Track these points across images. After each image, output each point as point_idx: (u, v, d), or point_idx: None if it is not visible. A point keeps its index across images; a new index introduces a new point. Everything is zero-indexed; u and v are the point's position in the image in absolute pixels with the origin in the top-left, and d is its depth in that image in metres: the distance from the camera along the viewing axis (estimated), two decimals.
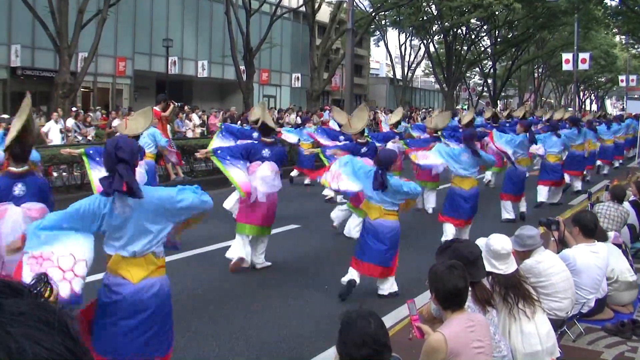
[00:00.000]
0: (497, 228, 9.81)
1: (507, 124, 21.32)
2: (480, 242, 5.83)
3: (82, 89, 33.85)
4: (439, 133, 15.75)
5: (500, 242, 5.70)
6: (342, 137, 14.66)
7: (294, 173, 19.12)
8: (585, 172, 19.46)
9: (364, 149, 11.86)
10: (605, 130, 22.29)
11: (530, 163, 16.62)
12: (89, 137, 21.37)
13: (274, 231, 12.70)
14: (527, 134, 14.54)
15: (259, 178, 9.65)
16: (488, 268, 5.58)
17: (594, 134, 20.21)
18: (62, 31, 24.50)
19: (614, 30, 52.16)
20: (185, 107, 30.91)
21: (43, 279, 1.31)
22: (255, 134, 12.21)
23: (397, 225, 8.83)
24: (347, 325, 3.54)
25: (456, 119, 24.80)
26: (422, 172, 13.75)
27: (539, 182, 16.29)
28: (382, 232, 8.64)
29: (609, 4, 43.14)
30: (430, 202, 15.37)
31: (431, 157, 11.81)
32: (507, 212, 14.55)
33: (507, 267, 5.66)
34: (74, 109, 23.67)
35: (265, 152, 9.87)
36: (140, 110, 11.99)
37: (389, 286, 8.88)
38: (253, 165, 9.84)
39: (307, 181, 18.94)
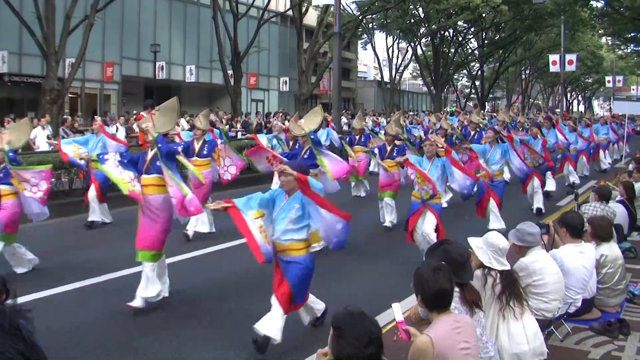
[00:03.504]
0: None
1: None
2: (476, 242, 5.84)
3: (69, 95, 33.80)
4: (405, 137, 14.91)
5: (502, 239, 5.88)
6: None
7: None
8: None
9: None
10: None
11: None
12: None
13: None
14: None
15: None
16: (495, 266, 5.71)
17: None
18: (49, 37, 24.43)
19: (600, 32, 52.39)
20: None
21: None
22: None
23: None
24: (349, 325, 3.50)
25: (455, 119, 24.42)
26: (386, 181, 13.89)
27: None
28: None
29: (594, 6, 43.31)
30: (388, 214, 14.08)
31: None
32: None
33: (506, 263, 5.81)
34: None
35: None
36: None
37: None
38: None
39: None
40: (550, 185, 17.93)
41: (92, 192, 13.79)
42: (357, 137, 17.80)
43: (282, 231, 7.04)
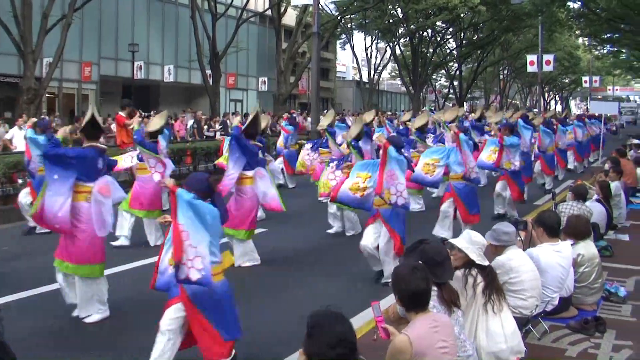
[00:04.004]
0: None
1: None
2: (461, 243, 5.88)
3: (47, 95, 33.55)
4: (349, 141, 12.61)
5: (482, 237, 6.02)
6: None
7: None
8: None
9: None
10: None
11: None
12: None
13: None
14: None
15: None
16: (482, 262, 5.82)
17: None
18: (26, 36, 24.27)
19: (576, 32, 52.79)
20: (152, 112, 30.76)
21: None
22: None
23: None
24: (319, 326, 3.55)
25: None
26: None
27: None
28: None
29: (571, 7, 43.58)
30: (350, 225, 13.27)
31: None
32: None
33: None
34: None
35: (100, 162, 8.22)
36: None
37: None
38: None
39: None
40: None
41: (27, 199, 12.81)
42: (322, 140, 16.21)
43: None
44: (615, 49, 55.93)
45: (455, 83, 63.43)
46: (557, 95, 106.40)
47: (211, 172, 18.00)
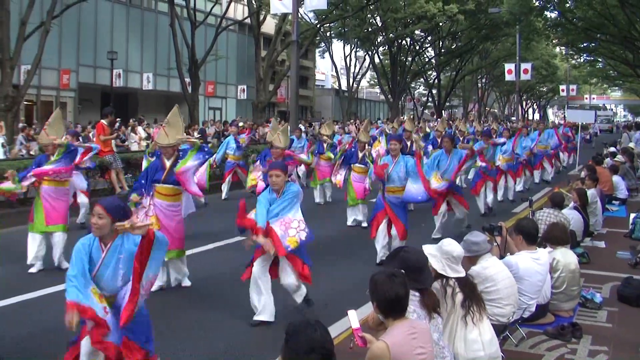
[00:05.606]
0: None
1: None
2: (430, 250, 5.88)
3: (25, 102, 33.36)
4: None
5: (457, 246, 5.90)
6: None
7: None
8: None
9: None
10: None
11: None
12: (32, 152, 21.02)
13: (219, 243, 12.70)
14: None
15: None
16: (449, 273, 5.74)
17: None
18: (4, 43, 24.09)
19: (554, 41, 53.24)
20: (130, 120, 30.67)
21: None
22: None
23: None
24: (295, 333, 3.60)
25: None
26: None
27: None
28: None
29: (549, 16, 43.96)
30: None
31: None
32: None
33: (461, 270, 5.87)
34: None
35: None
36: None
37: None
38: None
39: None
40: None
41: None
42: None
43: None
44: (592, 58, 56.53)
45: (434, 91, 63.64)
46: (535, 104, 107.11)
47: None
